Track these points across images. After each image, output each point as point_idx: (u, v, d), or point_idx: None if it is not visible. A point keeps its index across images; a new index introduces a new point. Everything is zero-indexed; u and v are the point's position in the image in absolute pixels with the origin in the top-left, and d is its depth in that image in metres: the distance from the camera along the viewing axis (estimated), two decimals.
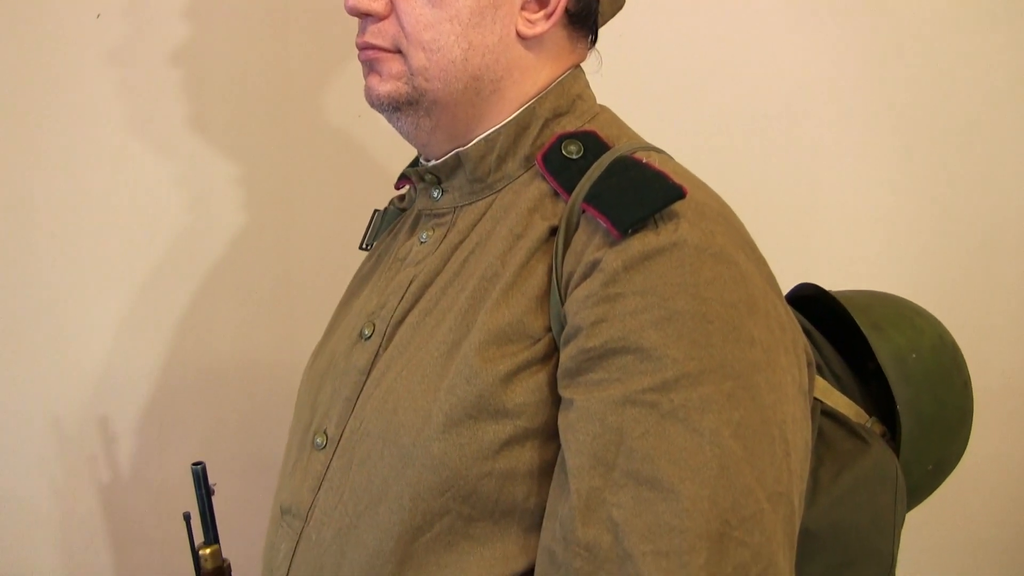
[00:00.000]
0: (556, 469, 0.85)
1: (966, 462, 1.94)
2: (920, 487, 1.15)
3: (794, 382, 0.87)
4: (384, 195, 1.23)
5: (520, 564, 0.87)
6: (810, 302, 1.20)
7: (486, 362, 0.86)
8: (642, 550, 0.76)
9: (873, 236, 1.90)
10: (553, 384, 0.86)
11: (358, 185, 1.70)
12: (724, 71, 1.80)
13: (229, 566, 1.17)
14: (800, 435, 0.86)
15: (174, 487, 1.69)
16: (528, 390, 0.86)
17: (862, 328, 1.11)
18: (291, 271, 1.73)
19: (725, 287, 0.81)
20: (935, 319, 1.18)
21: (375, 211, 1.24)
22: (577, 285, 0.84)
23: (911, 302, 1.20)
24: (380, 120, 1.02)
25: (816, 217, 1.90)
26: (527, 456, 0.86)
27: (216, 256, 1.67)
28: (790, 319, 0.91)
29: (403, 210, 1.16)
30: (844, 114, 1.87)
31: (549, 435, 0.86)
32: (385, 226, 1.19)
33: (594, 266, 0.83)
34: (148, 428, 1.67)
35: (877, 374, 1.11)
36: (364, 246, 1.23)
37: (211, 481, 1.14)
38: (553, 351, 0.86)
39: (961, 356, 1.16)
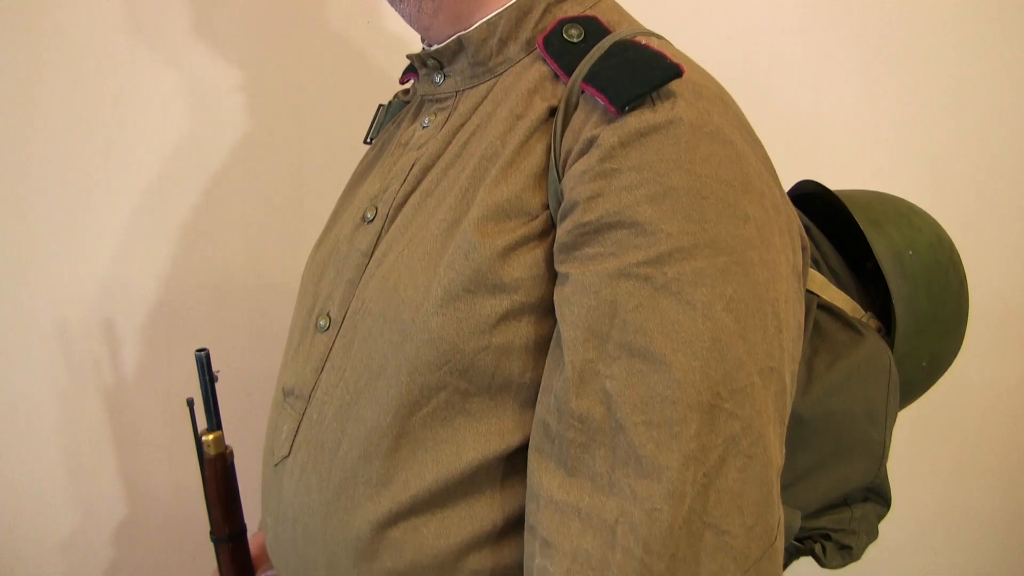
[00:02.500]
0: (552, 344, 0.86)
1: (962, 387, 1.96)
2: (914, 383, 1.16)
3: (787, 262, 0.87)
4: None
5: (515, 438, 0.89)
6: (810, 200, 1.21)
7: (484, 237, 0.86)
8: (634, 420, 0.78)
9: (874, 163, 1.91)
10: (550, 260, 0.86)
11: (366, 91, 1.70)
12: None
13: (231, 452, 1.19)
14: (793, 315, 0.87)
15: (179, 390, 1.71)
16: (525, 265, 0.86)
17: (860, 224, 1.12)
18: (298, 176, 1.73)
19: (720, 165, 0.82)
20: (933, 219, 1.19)
21: (379, 106, 1.24)
22: (574, 162, 0.85)
23: (909, 202, 1.20)
24: (387, 25, 1.02)
25: (818, 129, 1.91)
26: (523, 331, 0.87)
27: (223, 161, 1.68)
28: (785, 202, 0.91)
29: (407, 103, 1.17)
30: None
31: (545, 311, 0.87)
32: (389, 118, 1.20)
33: (591, 143, 0.83)
34: (154, 332, 1.68)
35: (874, 274, 1.12)
36: (368, 139, 1.24)
37: (214, 368, 1.15)
38: (550, 228, 0.87)
39: (958, 256, 1.17)
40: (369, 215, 1.03)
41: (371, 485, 0.91)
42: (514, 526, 0.90)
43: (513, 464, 0.90)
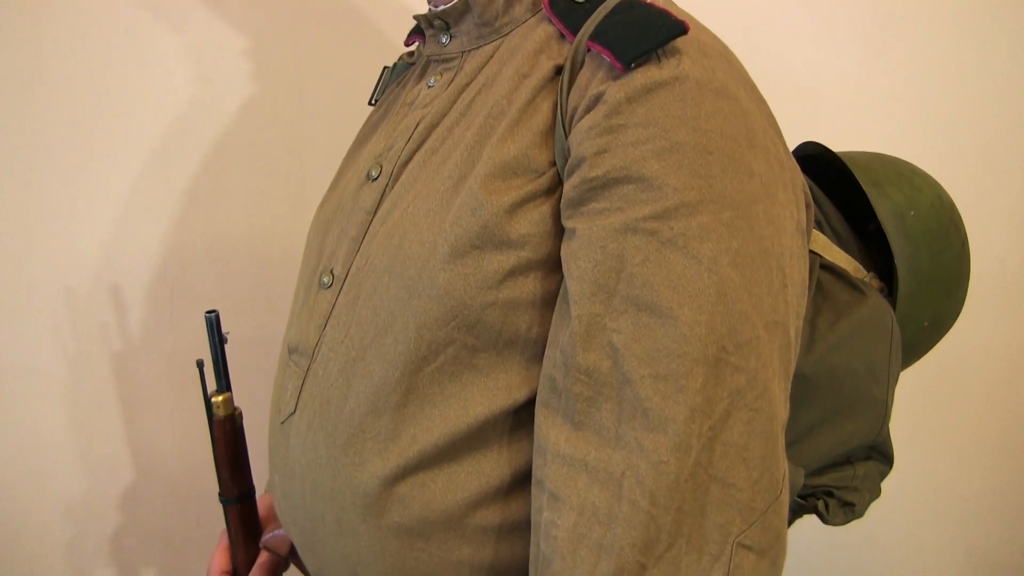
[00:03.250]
0: (558, 299, 0.87)
1: (962, 349, 1.97)
2: (916, 343, 1.17)
3: (792, 218, 0.88)
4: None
5: (522, 393, 0.90)
6: (812, 162, 1.21)
7: (491, 194, 0.87)
8: (640, 374, 0.79)
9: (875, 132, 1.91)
10: (557, 217, 0.87)
11: (369, 56, 1.70)
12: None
13: (240, 414, 1.20)
14: (797, 270, 0.88)
15: (184, 356, 1.71)
16: (532, 222, 0.87)
17: (862, 184, 1.12)
18: (302, 140, 1.73)
19: (725, 120, 0.82)
20: (934, 180, 1.19)
21: (384, 68, 1.25)
22: (581, 118, 0.85)
23: (911, 163, 1.21)
24: None
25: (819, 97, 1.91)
26: (530, 286, 0.88)
27: (226, 125, 1.68)
28: (790, 159, 0.92)
29: (412, 64, 1.17)
30: None
31: (552, 267, 0.88)
32: (393, 79, 1.20)
33: (598, 99, 0.84)
34: (159, 298, 1.69)
35: (876, 236, 1.13)
36: (373, 101, 1.24)
37: (224, 330, 1.16)
38: (557, 185, 0.87)
39: (959, 217, 1.17)
40: (374, 173, 1.04)
41: (378, 440, 0.92)
42: (522, 481, 0.91)
43: (520, 419, 0.91)
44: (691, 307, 0.78)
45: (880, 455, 1.15)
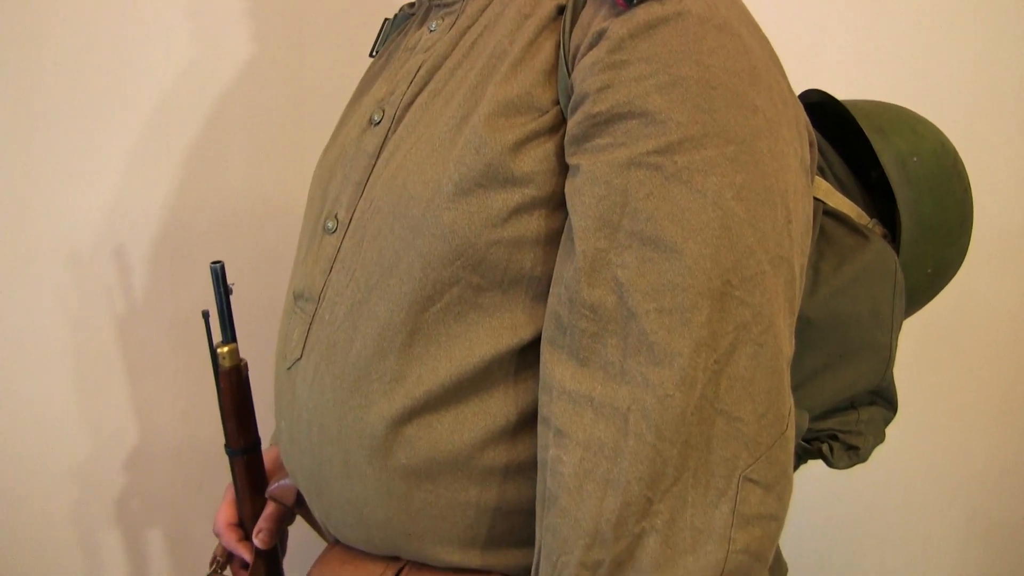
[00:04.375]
0: (563, 237, 0.87)
1: (962, 303, 1.97)
2: (920, 289, 1.17)
3: (796, 155, 0.88)
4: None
5: (528, 332, 0.90)
6: (814, 110, 1.21)
7: (494, 132, 0.87)
8: (645, 308, 0.79)
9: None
10: (561, 155, 0.87)
11: (370, 10, 1.69)
12: None
13: (246, 365, 1.20)
14: (802, 208, 0.88)
15: (187, 315, 1.71)
16: (536, 159, 0.87)
17: (865, 131, 1.12)
18: (303, 99, 1.73)
19: (728, 56, 0.82)
20: (936, 127, 1.19)
21: (385, 19, 1.24)
22: (583, 55, 0.85)
23: (913, 111, 1.21)
24: None
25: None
26: (535, 224, 0.88)
27: (227, 85, 1.67)
28: (793, 98, 0.92)
29: (412, 14, 1.17)
30: None
31: (557, 205, 0.88)
32: (394, 29, 1.20)
33: (600, 35, 0.84)
34: (162, 258, 1.69)
35: (879, 184, 1.13)
36: (374, 52, 1.24)
37: (229, 281, 1.16)
38: (561, 123, 0.87)
39: (962, 164, 1.17)
40: (376, 118, 1.03)
41: (385, 381, 0.93)
42: (528, 421, 0.91)
43: (526, 359, 0.91)
44: (696, 240, 0.79)
45: (884, 400, 1.16)
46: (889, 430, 1.18)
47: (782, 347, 0.83)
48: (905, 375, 1.18)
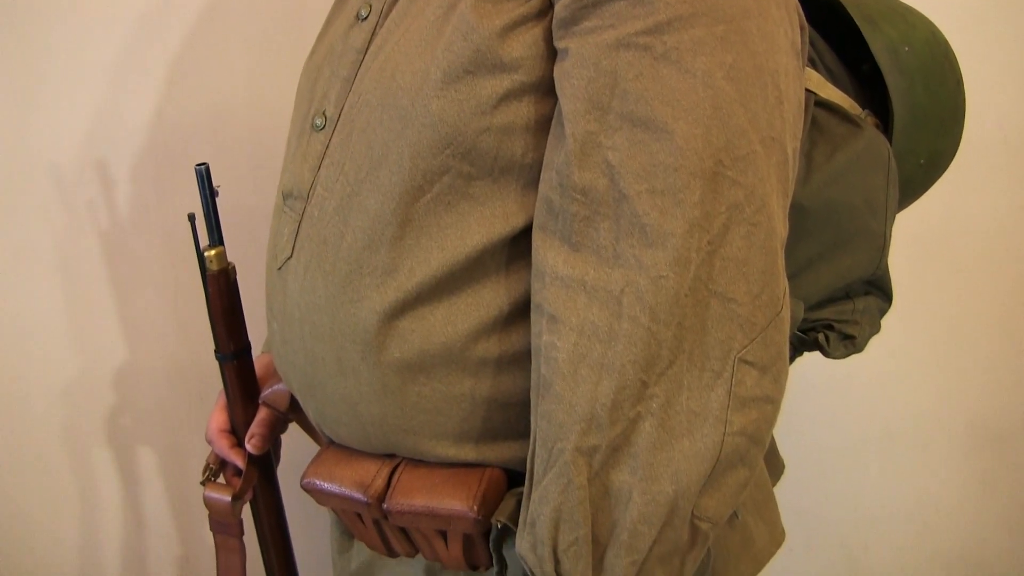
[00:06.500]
0: (553, 122, 0.86)
1: (960, 216, 1.96)
2: (913, 180, 1.16)
3: (786, 36, 0.87)
4: None
5: (519, 220, 0.89)
6: (804, 3, 1.20)
7: (482, 17, 0.85)
8: (637, 189, 0.78)
9: None
10: (549, 40, 0.85)
11: None
12: None
13: (234, 268, 1.19)
14: (793, 89, 0.87)
15: (173, 228, 1.69)
16: (524, 44, 0.85)
17: (856, 20, 1.10)
18: (302, 11, 1.70)
19: None
20: (927, 18, 1.18)
21: None
22: None
23: (904, 2, 1.19)
24: None
25: None
26: (524, 110, 0.87)
27: None
28: None
29: None
30: None
31: (546, 90, 0.86)
32: None
33: None
34: (146, 172, 1.66)
35: (871, 76, 1.12)
36: None
37: (215, 183, 1.15)
38: (548, 7, 0.86)
39: (953, 54, 1.16)
40: (363, 12, 1.02)
41: (376, 275, 0.92)
42: (521, 311, 0.91)
43: (518, 247, 0.90)
44: (686, 120, 0.78)
45: (879, 291, 1.15)
46: (888, 342, 1.17)
47: (775, 228, 0.83)
48: (898, 288, 1.17)
